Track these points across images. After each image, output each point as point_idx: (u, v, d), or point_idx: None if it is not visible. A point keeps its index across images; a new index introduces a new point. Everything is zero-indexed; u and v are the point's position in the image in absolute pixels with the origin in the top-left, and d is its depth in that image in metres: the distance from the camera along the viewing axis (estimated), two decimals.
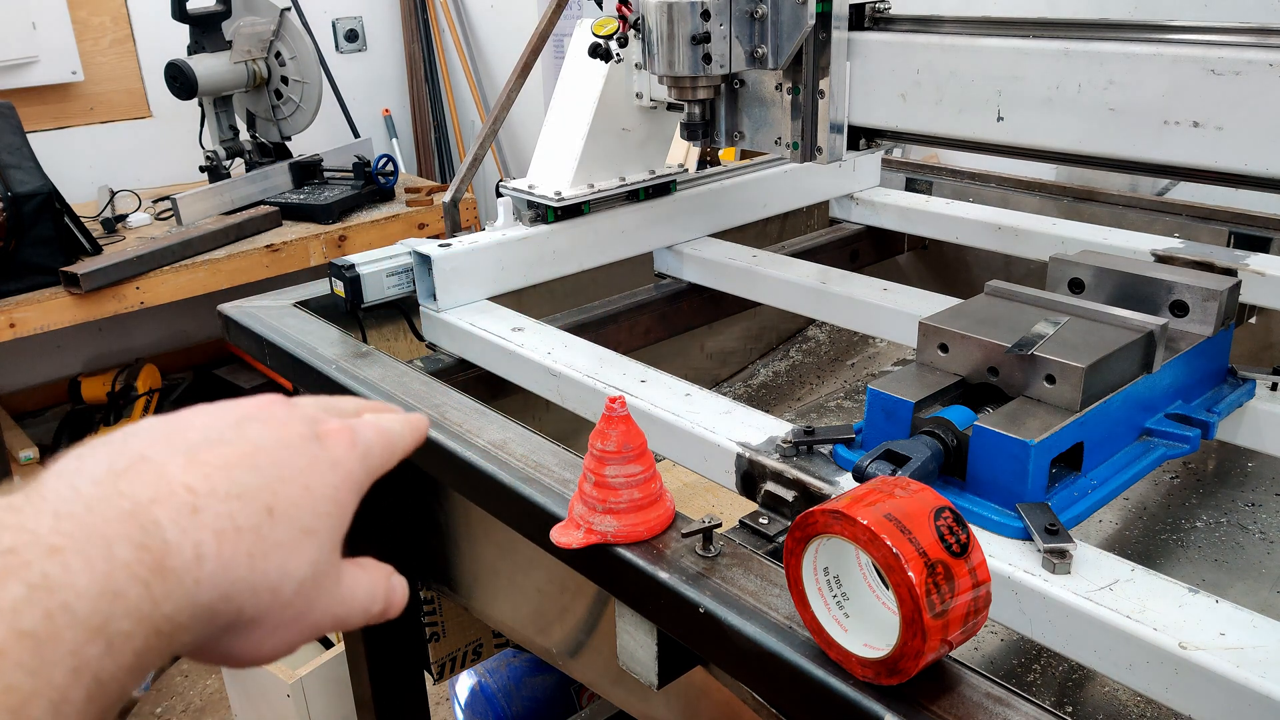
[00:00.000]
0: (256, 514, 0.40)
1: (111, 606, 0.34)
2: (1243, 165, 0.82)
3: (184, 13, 2.92)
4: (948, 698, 0.62)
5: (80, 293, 2.46)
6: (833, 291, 1.35)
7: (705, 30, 1.07)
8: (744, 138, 1.19)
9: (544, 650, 1.12)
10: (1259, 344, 1.49)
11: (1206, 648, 0.63)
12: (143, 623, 0.35)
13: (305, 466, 0.43)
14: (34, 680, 0.31)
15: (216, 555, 0.38)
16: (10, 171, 2.42)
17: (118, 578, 0.34)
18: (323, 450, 0.45)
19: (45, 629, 0.32)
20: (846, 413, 1.70)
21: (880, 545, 0.57)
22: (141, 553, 0.35)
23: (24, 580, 0.32)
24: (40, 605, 0.32)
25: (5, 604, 0.31)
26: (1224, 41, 0.82)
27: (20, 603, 0.32)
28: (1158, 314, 0.95)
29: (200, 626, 0.38)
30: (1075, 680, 1.03)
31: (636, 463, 0.77)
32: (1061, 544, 0.71)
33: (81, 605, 0.33)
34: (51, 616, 0.32)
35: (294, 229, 2.89)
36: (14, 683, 0.31)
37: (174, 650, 0.37)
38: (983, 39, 0.96)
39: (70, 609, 0.33)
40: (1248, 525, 1.24)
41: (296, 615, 0.42)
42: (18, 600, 0.32)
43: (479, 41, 4.23)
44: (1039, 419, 0.80)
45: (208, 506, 0.38)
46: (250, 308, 1.37)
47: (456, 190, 1.50)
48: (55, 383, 3.51)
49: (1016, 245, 1.53)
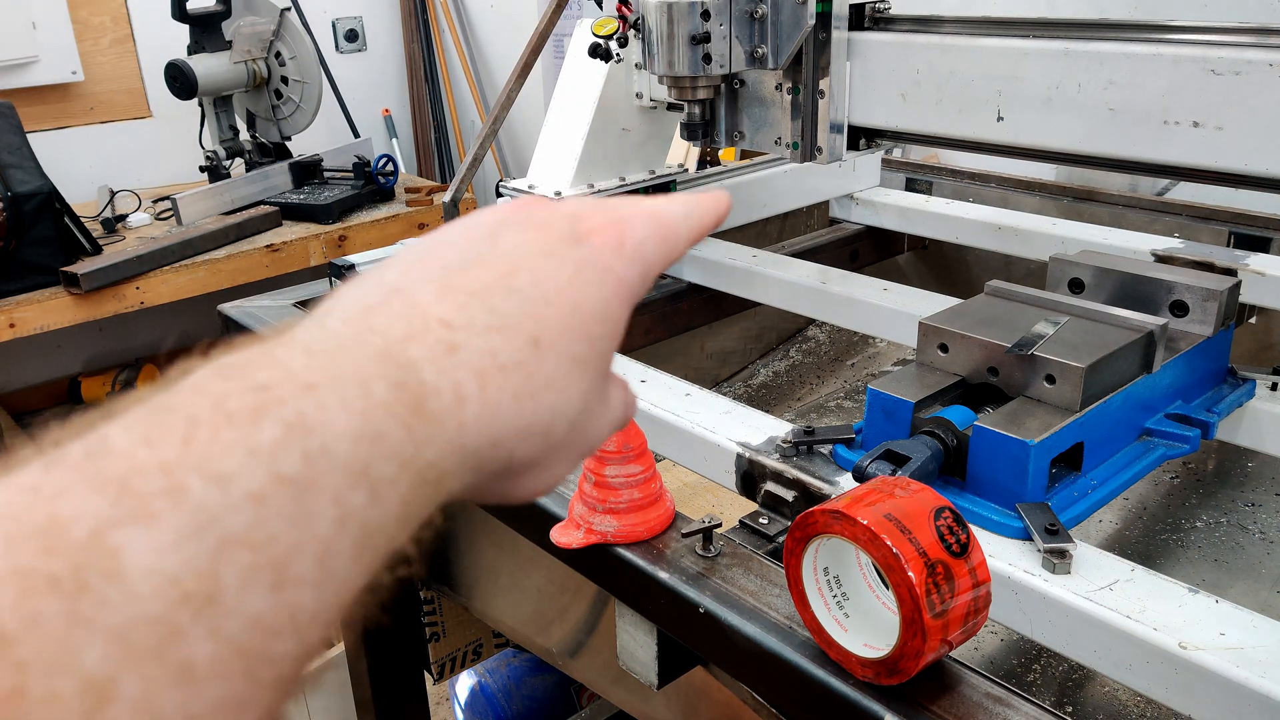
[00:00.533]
0: (521, 347, 0.35)
1: (372, 450, 0.30)
2: (1243, 165, 0.82)
3: (184, 13, 2.92)
4: (948, 698, 0.62)
5: (80, 293, 2.46)
6: (833, 291, 1.35)
7: (705, 30, 1.07)
8: (744, 138, 1.19)
9: (544, 650, 1.12)
10: (1259, 344, 1.49)
11: (1206, 648, 0.63)
12: (406, 468, 0.31)
13: (570, 279, 0.38)
14: (297, 531, 0.28)
15: (480, 398, 0.34)
16: (10, 171, 2.42)
17: (377, 418, 0.31)
18: (589, 253, 0.39)
19: (306, 473, 0.28)
20: (846, 413, 1.70)
21: (880, 545, 0.57)
22: (399, 392, 0.32)
23: (280, 418, 0.29)
24: (299, 446, 0.28)
25: (262, 445, 0.28)
26: (1224, 41, 0.82)
27: (277, 444, 0.28)
28: (1158, 314, 0.95)
29: (468, 474, 0.34)
30: (1075, 680, 1.03)
31: (636, 463, 0.77)
32: (1061, 544, 0.71)
33: (341, 448, 0.29)
34: (311, 459, 0.29)
35: (294, 229, 2.89)
36: (276, 533, 0.27)
37: (441, 499, 0.33)
38: (983, 39, 0.96)
39: (330, 452, 0.29)
40: (1248, 525, 1.24)
41: (568, 450, 0.39)
42: (275, 441, 0.28)
43: (479, 41, 4.23)
44: (1039, 419, 0.80)
45: (466, 343, 0.34)
46: (250, 308, 1.37)
47: (456, 190, 1.50)
48: (55, 383, 3.51)
49: (1016, 245, 1.53)
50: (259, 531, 0.27)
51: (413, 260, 0.38)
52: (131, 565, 0.25)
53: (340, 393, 0.30)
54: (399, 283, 0.36)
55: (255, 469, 0.28)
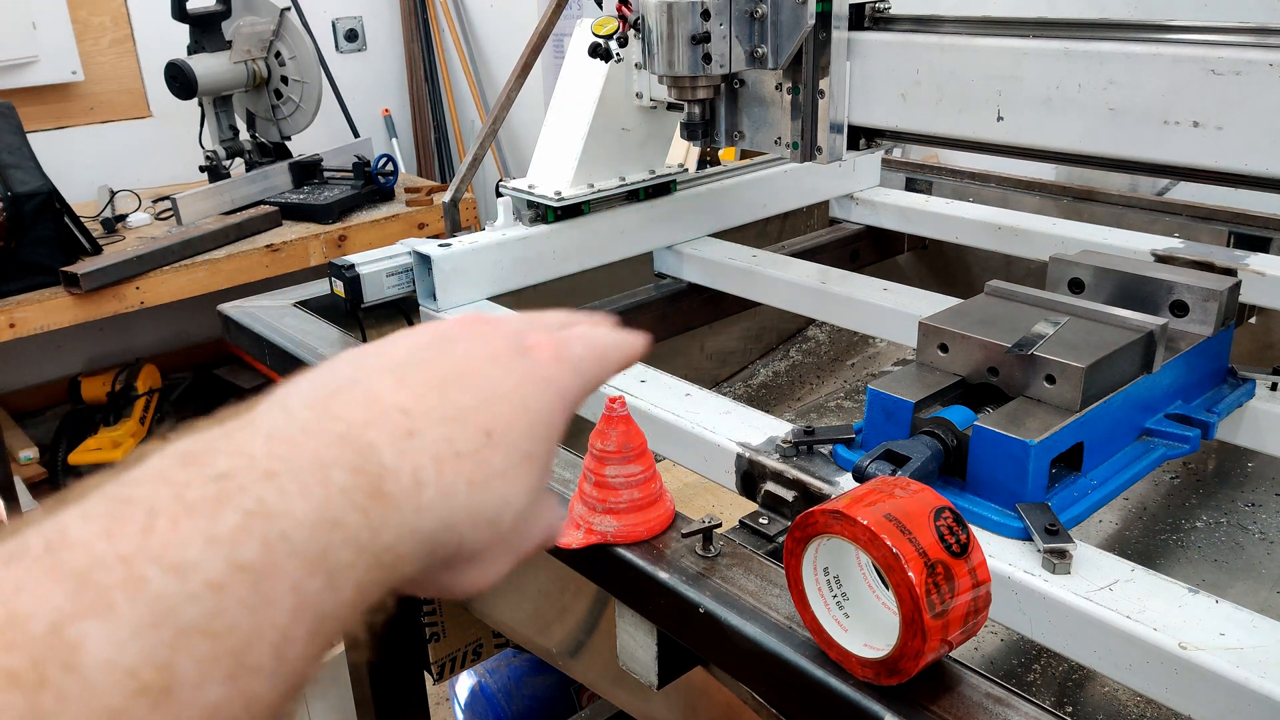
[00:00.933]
0: (475, 437, 0.37)
1: (330, 536, 0.31)
2: (1243, 165, 0.82)
3: (184, 13, 2.92)
4: (948, 698, 0.62)
5: (80, 293, 2.46)
6: (833, 291, 1.35)
7: (705, 30, 1.07)
8: (744, 137, 1.19)
9: (544, 650, 1.12)
10: (1259, 344, 1.49)
11: (1206, 648, 0.63)
12: (363, 553, 0.32)
13: (518, 384, 0.40)
14: (255, 619, 0.28)
15: (436, 481, 0.35)
16: (10, 171, 2.42)
17: (335, 504, 0.32)
18: (533, 365, 0.42)
19: (264, 561, 0.29)
20: (846, 413, 1.70)
21: (880, 545, 0.57)
22: (358, 477, 0.33)
23: (240, 507, 0.29)
24: (258, 534, 0.29)
25: (222, 533, 0.28)
26: (1224, 41, 0.82)
27: (236, 532, 0.29)
28: (1158, 314, 0.95)
29: (421, 558, 0.35)
30: (1075, 680, 1.03)
31: (636, 463, 0.77)
32: (1061, 544, 0.71)
33: (300, 534, 0.30)
34: (270, 546, 0.29)
35: (294, 229, 2.89)
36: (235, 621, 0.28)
37: (394, 583, 0.34)
38: (983, 39, 0.96)
39: (289, 538, 0.30)
40: (1248, 525, 1.24)
41: (510, 545, 0.40)
42: (235, 529, 0.29)
43: (479, 41, 4.23)
44: (1039, 419, 0.80)
45: (424, 430, 0.36)
46: (250, 308, 1.37)
47: (456, 190, 1.50)
48: (55, 382, 3.51)
49: (1016, 245, 1.53)
50: (218, 620, 0.27)
51: (367, 358, 0.40)
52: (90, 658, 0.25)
53: (300, 480, 0.31)
54: (357, 375, 0.38)
55: (214, 557, 0.28)
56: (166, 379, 3.49)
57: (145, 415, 3.29)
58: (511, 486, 0.38)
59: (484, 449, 0.37)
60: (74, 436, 3.21)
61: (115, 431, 3.19)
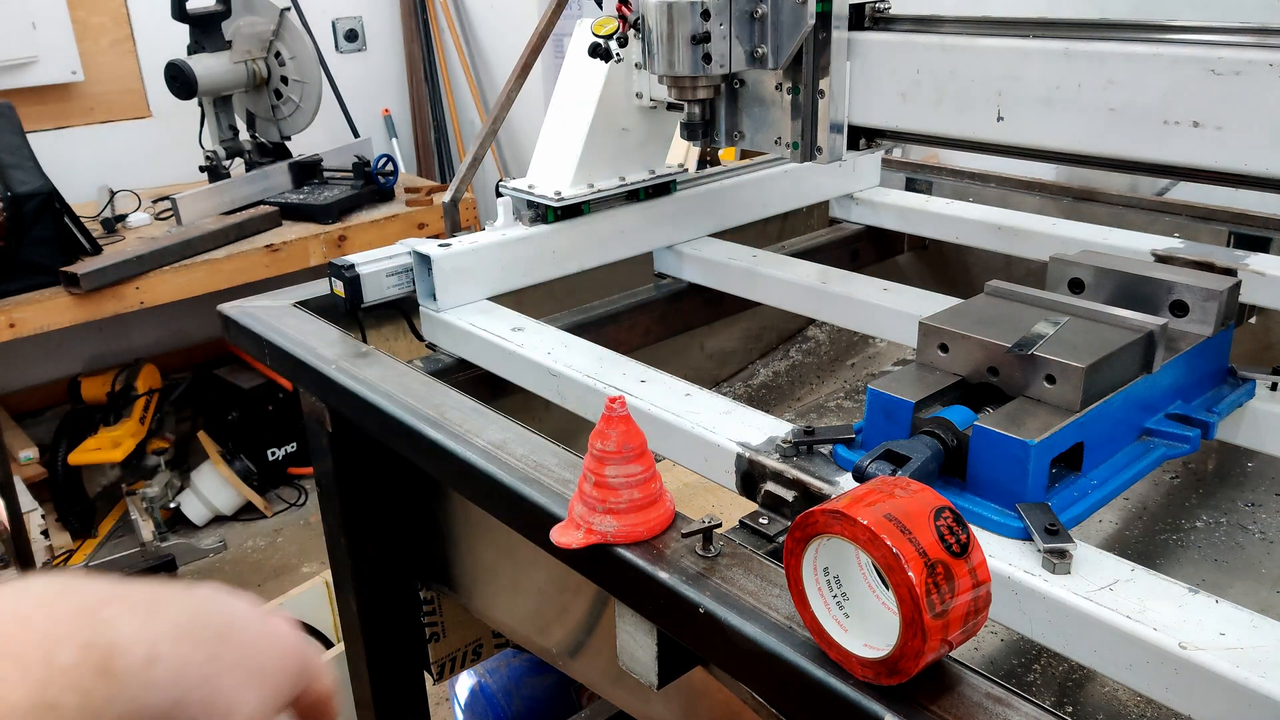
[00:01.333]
0: (213, 636, 0.39)
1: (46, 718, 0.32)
2: (1243, 165, 0.82)
3: (184, 13, 2.92)
4: (948, 698, 0.62)
5: (80, 293, 2.46)
6: (833, 291, 1.35)
7: (705, 30, 1.07)
8: (744, 138, 1.19)
9: (544, 650, 1.12)
10: (1259, 344, 1.49)
11: (1206, 648, 0.63)
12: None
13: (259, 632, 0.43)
14: None
15: (173, 655, 0.36)
16: (10, 171, 2.42)
17: (55, 685, 0.32)
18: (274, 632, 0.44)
19: None
20: (846, 413, 1.70)
21: (880, 545, 0.57)
22: (86, 652, 0.33)
23: None
24: None
25: None
26: (1224, 41, 0.82)
27: None
28: (1158, 314, 0.95)
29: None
30: (1075, 680, 1.03)
31: (636, 463, 0.77)
32: (1061, 544, 0.71)
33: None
34: None
35: (294, 229, 2.89)
36: None
37: None
38: (983, 39, 0.96)
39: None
40: (1248, 525, 1.24)
41: None
42: None
43: (479, 41, 4.23)
44: (1039, 419, 0.80)
45: (166, 614, 0.37)
46: (250, 308, 1.37)
47: (456, 190, 1.50)
48: (55, 383, 3.51)
49: (1016, 245, 1.53)
50: None
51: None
52: None
53: (23, 661, 0.32)
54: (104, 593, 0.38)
55: None
56: (166, 379, 3.49)
57: (145, 415, 3.29)
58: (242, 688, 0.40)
59: (221, 646, 0.39)
60: (74, 436, 3.21)
61: (115, 431, 3.19)
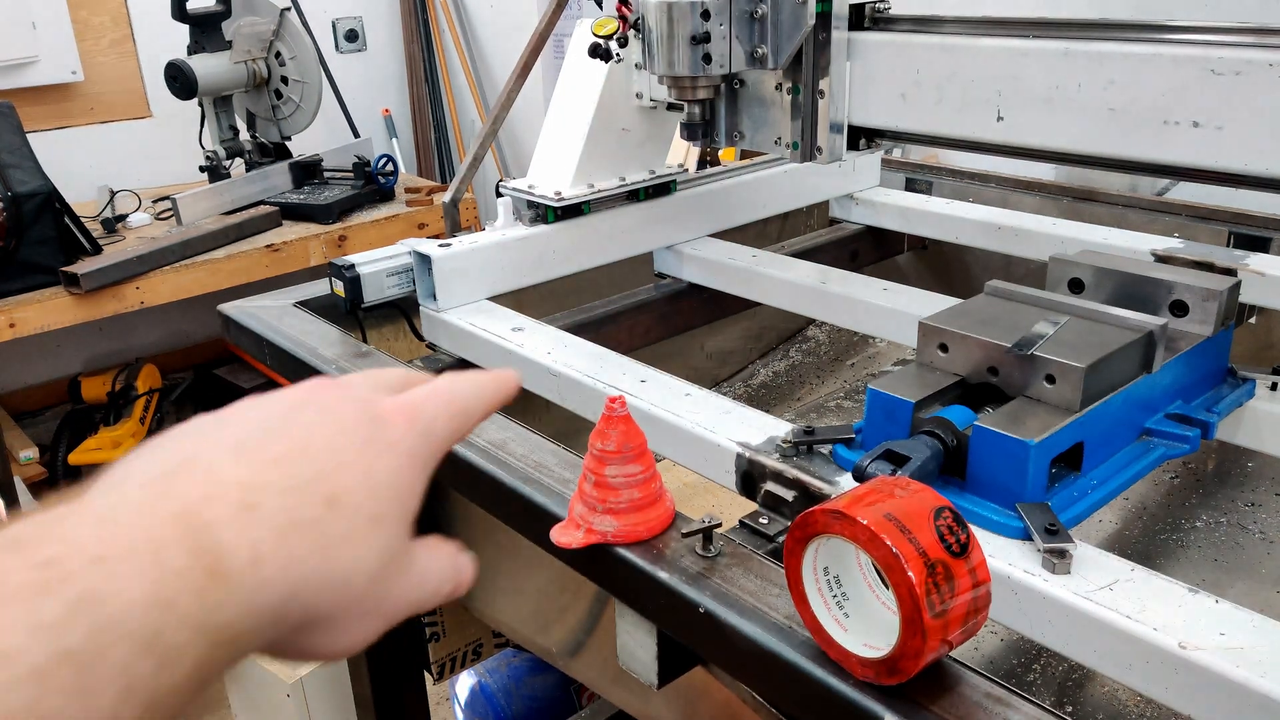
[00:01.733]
0: (317, 506, 0.38)
1: (163, 618, 0.31)
2: (1243, 165, 0.82)
3: (184, 13, 2.92)
4: (947, 698, 0.62)
5: (80, 293, 2.46)
6: (833, 291, 1.35)
7: (705, 30, 1.07)
8: (744, 138, 1.19)
9: (544, 650, 1.12)
10: (1259, 344, 1.49)
11: (1206, 647, 0.63)
12: (199, 633, 0.32)
13: (362, 450, 0.41)
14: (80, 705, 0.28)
15: (276, 554, 0.35)
16: (10, 171, 2.42)
17: (170, 585, 0.32)
18: (379, 431, 0.42)
19: (91, 647, 0.29)
20: (846, 413, 1.70)
21: (880, 545, 0.57)
22: (195, 557, 0.33)
23: (64, 595, 0.29)
24: (85, 620, 0.29)
25: (45, 620, 0.28)
26: (1224, 41, 0.82)
27: (61, 619, 0.29)
28: (1158, 314, 0.95)
29: (266, 630, 0.35)
30: (1075, 680, 1.03)
31: (636, 462, 0.77)
32: (1061, 544, 0.71)
33: (131, 619, 0.30)
34: (98, 633, 0.29)
35: (294, 229, 2.89)
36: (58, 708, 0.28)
37: (239, 657, 0.35)
38: (983, 39, 0.96)
39: (118, 623, 0.30)
40: (1247, 525, 1.24)
41: (372, 606, 0.40)
42: (59, 617, 0.29)
43: (479, 41, 4.23)
44: (1039, 419, 0.80)
45: (263, 502, 0.36)
46: (250, 308, 1.37)
47: (456, 190, 1.50)
48: (55, 382, 3.51)
49: (1016, 245, 1.53)
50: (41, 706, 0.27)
51: (207, 433, 0.40)
52: None
53: (133, 562, 0.31)
54: (196, 450, 0.38)
55: (37, 646, 0.28)
56: (166, 379, 3.49)
57: (145, 415, 3.29)
58: (358, 551, 0.39)
59: (326, 517, 0.38)
60: (74, 436, 3.21)
61: (115, 431, 3.19)
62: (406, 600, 0.43)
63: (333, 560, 0.38)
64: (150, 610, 0.31)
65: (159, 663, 0.31)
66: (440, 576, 0.45)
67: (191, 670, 0.32)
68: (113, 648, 0.29)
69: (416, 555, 0.43)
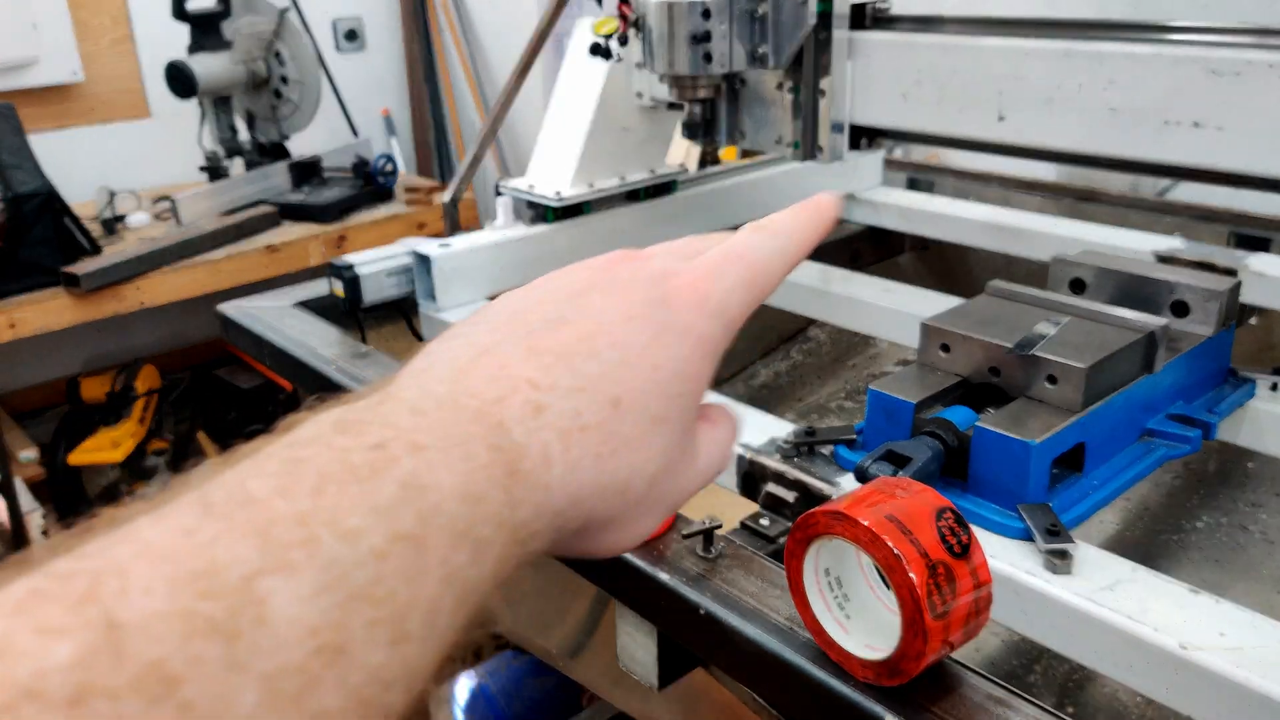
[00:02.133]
0: (601, 408, 0.36)
1: (474, 510, 0.31)
2: (1243, 165, 0.82)
3: (184, 13, 2.92)
4: (949, 699, 0.62)
5: (80, 293, 2.46)
6: (834, 291, 1.35)
7: (706, 29, 1.07)
8: (745, 137, 1.19)
9: (544, 651, 1.12)
10: (1260, 344, 1.49)
11: (1207, 648, 0.63)
12: (501, 529, 0.32)
13: (650, 341, 0.39)
14: (411, 588, 0.28)
15: (563, 458, 0.35)
16: (10, 172, 2.42)
17: (479, 479, 0.32)
18: (670, 315, 0.40)
19: (419, 532, 0.29)
20: (848, 413, 1.70)
21: (881, 546, 0.57)
22: (497, 455, 0.33)
23: (396, 477, 0.30)
24: (413, 506, 0.29)
25: (381, 504, 0.29)
26: (1224, 41, 0.82)
27: (394, 503, 0.29)
28: (1159, 314, 0.94)
29: (551, 533, 0.35)
30: (1076, 681, 1.03)
31: None
32: (1062, 545, 0.71)
33: (448, 508, 0.30)
34: (424, 519, 0.29)
35: (293, 229, 2.88)
36: (394, 589, 0.28)
37: (529, 557, 0.35)
38: (984, 39, 0.96)
39: (440, 511, 0.30)
40: (1249, 526, 1.24)
41: (650, 506, 0.39)
42: (392, 500, 0.29)
43: (479, 41, 4.23)
44: (1040, 419, 0.80)
45: (551, 404, 0.35)
46: (250, 308, 1.37)
47: (456, 190, 1.50)
48: (54, 383, 3.51)
49: (1018, 245, 1.53)
50: (379, 588, 0.28)
51: (501, 319, 0.39)
52: (277, 614, 0.25)
53: (446, 454, 0.31)
54: (488, 342, 0.38)
55: (377, 526, 0.28)
56: (166, 379, 3.49)
57: (145, 415, 3.29)
58: (640, 454, 0.38)
59: (610, 419, 0.37)
60: (73, 437, 3.21)
61: (115, 432, 3.18)
62: (686, 492, 0.42)
63: (615, 465, 0.37)
64: (464, 502, 0.31)
65: (471, 555, 0.31)
66: (723, 454, 0.44)
67: (494, 566, 0.32)
68: (435, 535, 0.30)
69: (698, 444, 0.42)
